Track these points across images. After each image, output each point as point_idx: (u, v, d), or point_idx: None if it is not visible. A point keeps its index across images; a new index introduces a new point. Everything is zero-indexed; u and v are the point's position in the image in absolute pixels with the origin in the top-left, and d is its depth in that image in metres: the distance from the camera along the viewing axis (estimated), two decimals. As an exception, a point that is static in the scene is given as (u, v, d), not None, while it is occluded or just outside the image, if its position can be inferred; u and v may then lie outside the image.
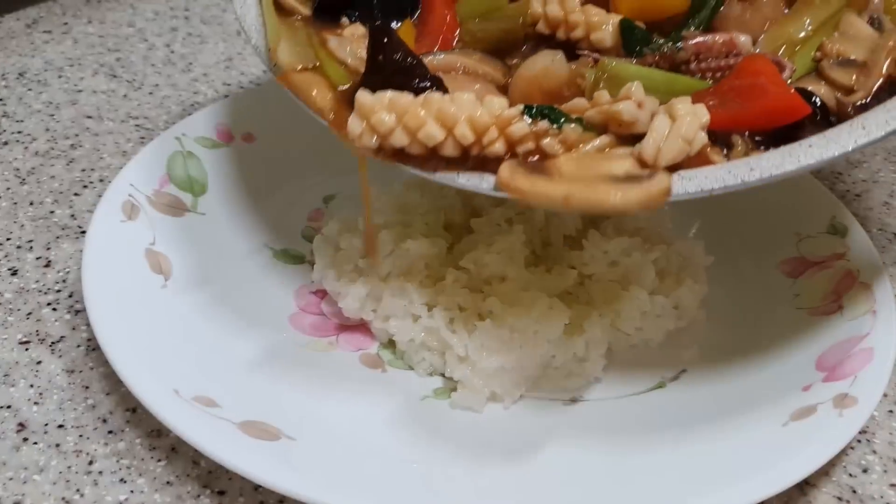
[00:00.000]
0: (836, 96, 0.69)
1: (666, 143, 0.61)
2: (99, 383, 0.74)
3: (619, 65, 0.69)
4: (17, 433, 0.69)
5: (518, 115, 0.62)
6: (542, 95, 0.69)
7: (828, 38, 0.72)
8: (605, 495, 0.66)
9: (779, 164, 0.62)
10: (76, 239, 0.89)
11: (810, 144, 0.63)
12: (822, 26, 0.73)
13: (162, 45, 1.28)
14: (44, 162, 1.00)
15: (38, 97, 1.12)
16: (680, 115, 0.61)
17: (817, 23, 0.74)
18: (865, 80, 0.69)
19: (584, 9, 0.73)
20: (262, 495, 0.66)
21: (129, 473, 0.67)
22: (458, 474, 0.67)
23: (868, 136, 0.63)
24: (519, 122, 0.62)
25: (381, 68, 0.65)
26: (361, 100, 0.62)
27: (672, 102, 0.63)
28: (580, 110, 0.64)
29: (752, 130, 0.66)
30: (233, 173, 0.94)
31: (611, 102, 0.63)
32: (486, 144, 0.62)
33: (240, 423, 0.67)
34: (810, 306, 0.82)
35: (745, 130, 0.66)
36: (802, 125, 0.66)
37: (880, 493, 0.69)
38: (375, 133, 0.62)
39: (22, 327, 0.79)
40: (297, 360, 0.77)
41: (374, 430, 0.71)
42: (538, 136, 0.62)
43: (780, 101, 0.65)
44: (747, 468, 0.66)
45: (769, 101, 0.65)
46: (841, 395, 0.70)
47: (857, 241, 0.86)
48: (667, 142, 0.61)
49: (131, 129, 1.08)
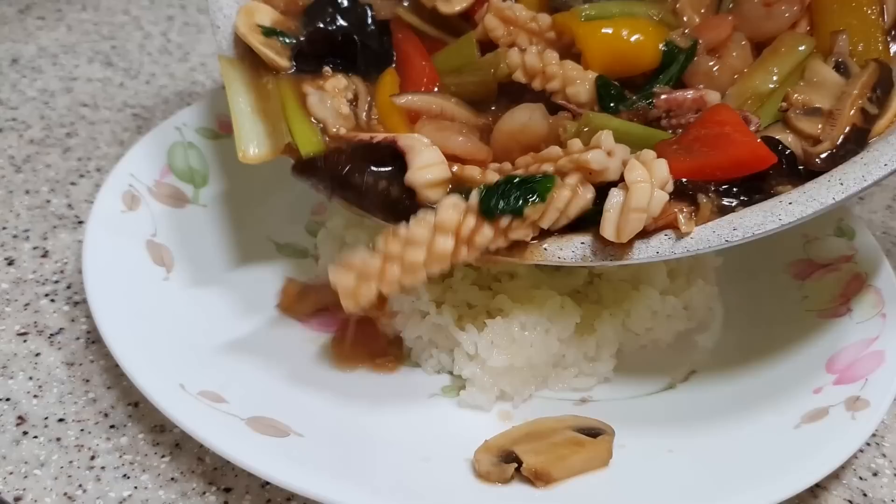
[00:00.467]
0: (803, 146, 0.69)
1: (623, 219, 0.63)
2: (100, 377, 0.73)
3: (600, 118, 0.70)
4: (17, 426, 0.68)
5: (477, 224, 0.63)
6: (521, 149, 0.71)
7: (793, 88, 0.72)
8: (614, 497, 0.65)
9: (760, 223, 0.64)
10: (73, 229, 0.88)
11: (790, 202, 0.65)
12: (789, 76, 0.74)
13: (158, 33, 1.26)
14: (39, 150, 0.98)
15: (32, 84, 1.10)
16: (634, 181, 0.63)
17: (784, 73, 0.74)
18: (831, 129, 0.69)
19: (561, 63, 0.74)
20: (269, 492, 0.65)
21: (133, 469, 0.66)
22: (466, 472, 0.66)
23: (846, 191, 0.65)
24: (481, 232, 0.63)
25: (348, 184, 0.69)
26: (341, 285, 0.64)
27: (641, 152, 0.65)
28: (554, 158, 0.66)
29: (718, 180, 0.67)
30: (234, 165, 0.92)
31: (581, 151, 0.65)
32: (460, 259, 0.64)
33: (247, 419, 0.65)
34: (819, 308, 0.81)
35: (712, 180, 0.67)
36: (768, 175, 0.67)
37: (891, 497, 0.69)
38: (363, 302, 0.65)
39: (20, 318, 0.77)
40: (305, 355, 0.76)
41: (382, 428, 0.70)
42: (505, 232, 0.64)
43: (747, 150, 0.66)
44: (760, 471, 0.65)
45: (735, 151, 0.66)
46: (853, 397, 0.70)
47: (864, 243, 0.86)
48: (624, 218, 0.63)
49: (128, 119, 1.06)
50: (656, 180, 0.63)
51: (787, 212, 0.64)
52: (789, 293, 0.84)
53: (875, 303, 0.79)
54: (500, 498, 0.63)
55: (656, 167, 0.64)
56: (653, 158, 0.64)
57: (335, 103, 0.74)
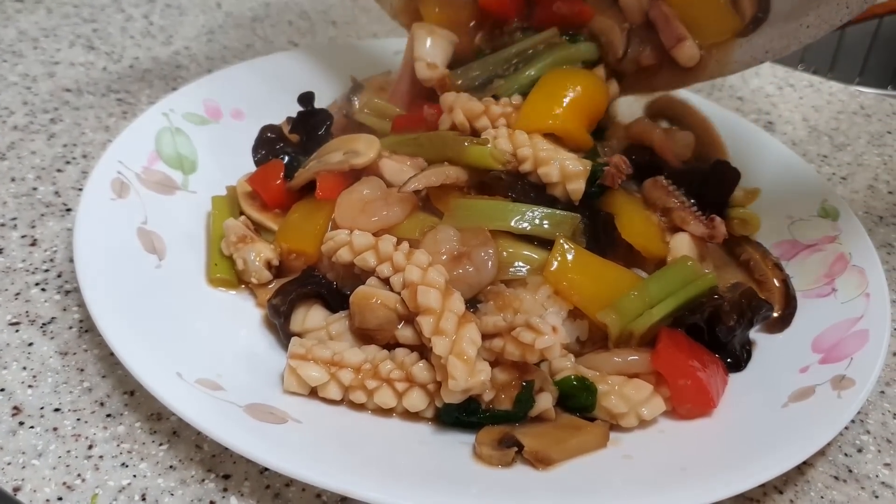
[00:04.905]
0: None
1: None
2: (94, 366, 0.73)
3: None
4: (13, 417, 0.68)
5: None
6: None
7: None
8: (604, 477, 0.66)
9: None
10: (62, 217, 0.87)
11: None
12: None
13: (140, 16, 1.24)
14: (23, 137, 0.97)
15: (13, 69, 1.09)
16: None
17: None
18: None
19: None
20: (267, 479, 0.65)
21: (131, 458, 0.66)
22: (466, 456, 0.67)
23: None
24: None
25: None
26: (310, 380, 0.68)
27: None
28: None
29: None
30: (223, 151, 0.92)
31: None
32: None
33: (245, 406, 0.66)
34: (804, 288, 0.83)
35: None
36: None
37: (875, 473, 0.71)
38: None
39: (10, 308, 0.77)
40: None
41: (381, 412, 0.70)
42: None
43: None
44: (750, 450, 0.67)
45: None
46: (838, 376, 0.72)
47: (847, 224, 0.87)
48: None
49: (112, 104, 1.05)
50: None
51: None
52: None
53: (859, 283, 0.81)
54: (504, 480, 0.64)
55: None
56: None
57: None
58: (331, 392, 0.69)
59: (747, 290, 0.76)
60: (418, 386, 0.68)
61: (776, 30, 0.77)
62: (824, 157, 1.10)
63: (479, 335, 0.68)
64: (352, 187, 0.79)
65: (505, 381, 0.68)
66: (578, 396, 0.70)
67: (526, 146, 0.76)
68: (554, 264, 0.74)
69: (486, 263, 0.73)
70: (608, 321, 0.72)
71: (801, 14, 0.75)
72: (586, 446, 0.67)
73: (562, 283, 0.73)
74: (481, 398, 0.68)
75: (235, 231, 0.81)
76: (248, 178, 0.87)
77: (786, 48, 0.77)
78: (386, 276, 0.72)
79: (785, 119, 1.17)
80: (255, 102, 0.98)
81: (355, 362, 0.69)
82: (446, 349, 0.66)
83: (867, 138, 1.14)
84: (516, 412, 0.68)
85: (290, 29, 1.27)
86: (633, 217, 0.79)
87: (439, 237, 0.75)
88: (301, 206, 0.82)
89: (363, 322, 0.71)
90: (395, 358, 0.70)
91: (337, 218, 0.78)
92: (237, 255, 0.79)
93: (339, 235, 0.75)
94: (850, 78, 1.53)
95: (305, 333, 0.74)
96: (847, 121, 1.17)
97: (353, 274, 0.75)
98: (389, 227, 0.76)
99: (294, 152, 0.90)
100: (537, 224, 0.76)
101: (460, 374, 0.65)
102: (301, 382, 0.69)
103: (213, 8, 1.29)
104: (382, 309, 0.70)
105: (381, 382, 0.69)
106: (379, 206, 0.77)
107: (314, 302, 0.75)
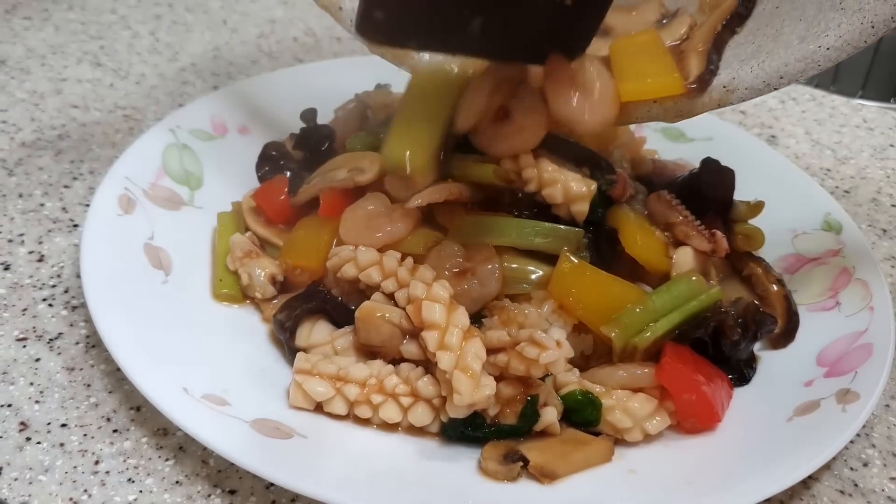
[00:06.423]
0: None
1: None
2: (101, 381, 0.73)
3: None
4: (20, 432, 0.68)
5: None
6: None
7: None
8: (609, 491, 0.66)
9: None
10: (69, 233, 0.88)
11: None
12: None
13: (146, 33, 1.25)
14: (31, 153, 0.98)
15: (21, 86, 1.10)
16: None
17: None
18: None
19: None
20: (274, 494, 0.66)
21: (137, 473, 0.66)
22: (472, 471, 0.67)
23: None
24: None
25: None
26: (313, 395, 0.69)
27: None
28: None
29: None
30: (229, 167, 0.93)
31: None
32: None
33: (251, 421, 0.66)
34: (808, 302, 0.83)
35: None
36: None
37: (881, 487, 0.71)
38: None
39: (18, 324, 0.77)
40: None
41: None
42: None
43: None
44: (755, 464, 0.67)
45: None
46: (843, 390, 0.72)
47: (851, 237, 0.88)
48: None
49: (119, 120, 1.06)
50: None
51: None
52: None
53: (863, 296, 0.81)
54: (509, 495, 0.64)
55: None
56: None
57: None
58: (336, 407, 0.69)
59: (751, 305, 0.77)
60: (423, 401, 0.69)
61: (791, 53, 0.71)
62: (827, 170, 1.10)
63: (484, 350, 0.68)
64: (356, 203, 0.79)
65: (510, 395, 0.69)
66: (583, 411, 0.70)
67: (531, 167, 0.77)
68: (558, 279, 0.74)
69: (490, 278, 0.74)
70: (612, 335, 0.72)
71: (819, 35, 0.70)
72: (591, 461, 0.67)
73: (566, 298, 0.74)
74: (486, 413, 0.68)
75: (241, 246, 0.81)
76: (253, 194, 0.88)
77: (802, 73, 0.71)
78: (391, 291, 0.72)
79: (788, 133, 1.18)
80: (261, 118, 0.98)
81: (360, 377, 0.69)
82: (451, 364, 0.66)
83: (870, 151, 1.14)
84: (521, 427, 0.68)
85: (295, 45, 1.28)
86: (636, 232, 0.79)
87: (444, 252, 0.75)
88: (306, 222, 0.83)
89: (368, 337, 0.72)
90: (400, 373, 0.70)
91: (342, 234, 0.78)
92: (242, 270, 0.80)
93: (344, 251, 0.75)
94: (852, 91, 1.53)
95: (311, 348, 0.74)
96: (850, 134, 1.18)
97: (357, 289, 0.76)
98: (394, 242, 0.77)
99: (297, 168, 0.90)
100: (541, 239, 0.76)
101: (465, 388, 0.65)
102: (307, 397, 0.69)
103: (219, 25, 1.30)
104: (387, 324, 0.71)
105: (387, 397, 0.69)
106: (383, 222, 0.77)
107: (319, 317, 0.76)
